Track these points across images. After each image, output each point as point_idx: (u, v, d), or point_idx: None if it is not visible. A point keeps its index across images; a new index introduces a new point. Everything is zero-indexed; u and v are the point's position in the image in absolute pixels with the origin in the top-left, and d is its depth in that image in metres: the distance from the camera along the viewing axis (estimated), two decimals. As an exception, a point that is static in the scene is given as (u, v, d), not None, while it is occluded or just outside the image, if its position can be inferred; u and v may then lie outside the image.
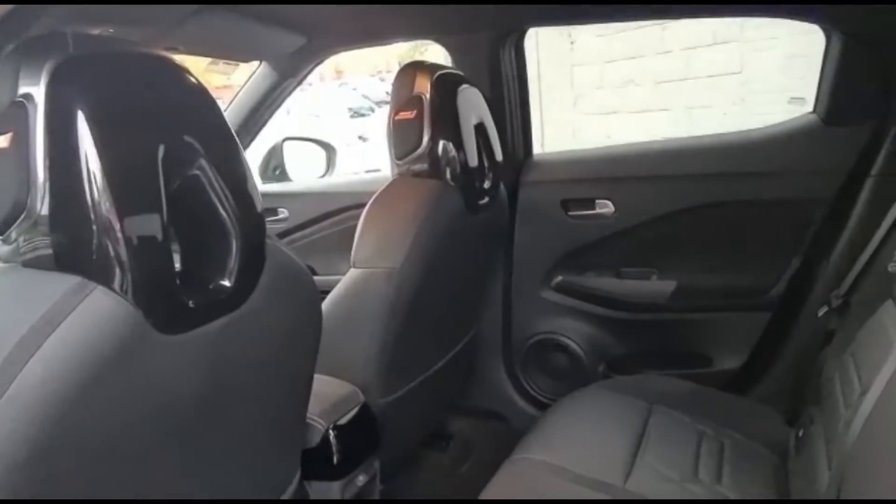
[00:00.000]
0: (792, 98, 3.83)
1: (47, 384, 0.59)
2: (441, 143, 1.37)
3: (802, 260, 1.60)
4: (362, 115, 11.88)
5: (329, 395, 1.26)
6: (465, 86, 1.44)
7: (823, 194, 1.56)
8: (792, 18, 1.53)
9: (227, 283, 0.77)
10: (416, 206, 1.32)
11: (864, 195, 1.50)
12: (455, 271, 1.47)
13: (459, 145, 1.39)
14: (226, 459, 0.91)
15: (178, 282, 0.71)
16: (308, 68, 1.97)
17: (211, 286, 0.76)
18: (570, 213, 1.78)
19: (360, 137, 8.85)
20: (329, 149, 2.42)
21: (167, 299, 0.70)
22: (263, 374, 0.90)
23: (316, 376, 1.23)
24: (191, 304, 0.73)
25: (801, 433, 1.36)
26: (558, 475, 1.22)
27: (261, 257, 0.82)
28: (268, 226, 2.21)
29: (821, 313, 1.43)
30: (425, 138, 1.36)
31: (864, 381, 1.10)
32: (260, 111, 1.99)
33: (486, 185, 1.49)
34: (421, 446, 1.83)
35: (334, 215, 2.10)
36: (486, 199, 1.50)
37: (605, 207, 1.75)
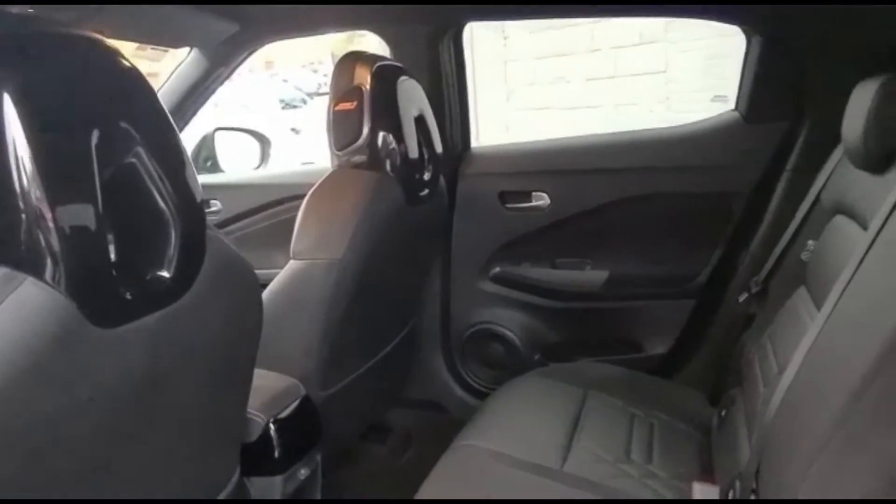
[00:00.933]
0: (716, 96, 4.02)
1: None
2: (381, 134, 1.37)
3: (724, 249, 1.69)
4: (294, 107, 11.63)
5: (269, 389, 1.24)
6: (404, 77, 1.45)
7: (743, 187, 1.65)
8: (716, 20, 1.61)
9: (165, 274, 0.74)
10: (357, 197, 1.31)
11: (780, 188, 1.60)
12: (395, 263, 1.48)
13: (400, 137, 1.40)
14: (163, 456, 0.88)
15: (114, 273, 0.69)
16: (240, 57, 1.92)
17: (149, 277, 0.74)
18: (508, 206, 1.81)
19: (292, 129, 8.66)
20: (263, 140, 2.37)
21: (102, 291, 0.68)
22: (203, 369, 0.88)
23: (255, 370, 1.21)
24: (128, 295, 0.70)
25: (723, 413, 1.44)
26: (498, 461, 1.25)
27: (201, 248, 0.80)
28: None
29: (741, 299, 1.52)
30: (365, 129, 1.36)
31: (781, 361, 1.18)
32: (190, 100, 1.93)
33: (427, 176, 1.50)
34: (361, 439, 1.83)
35: (270, 208, 2.06)
36: (426, 192, 1.51)
37: (541, 200, 1.79)
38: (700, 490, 1.17)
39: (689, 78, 4.93)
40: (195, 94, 1.91)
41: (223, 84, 1.99)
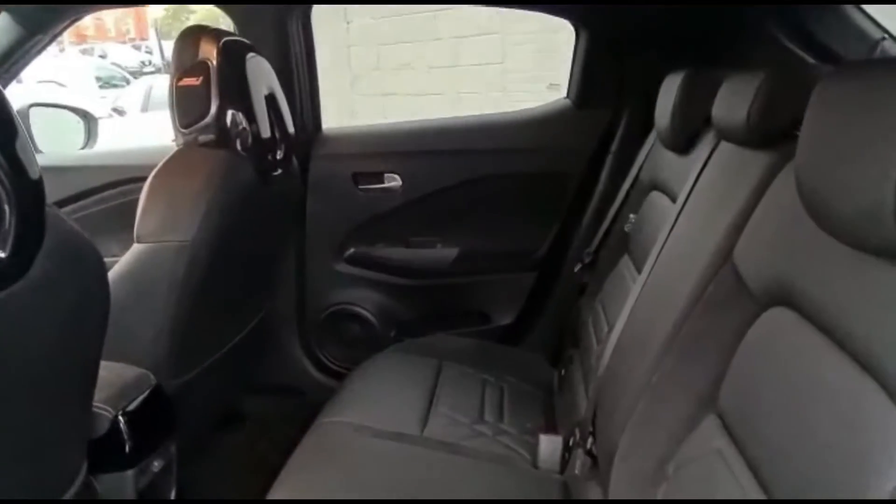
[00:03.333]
0: (550, 84, 4.32)
1: None
2: (230, 112, 1.33)
3: (560, 225, 1.85)
4: (114, 86, 10.61)
5: (116, 381, 1.17)
6: (253, 55, 1.41)
7: (575, 169, 1.82)
8: (548, 13, 1.75)
9: (1, 253, 0.69)
10: (207, 176, 1.27)
11: (606, 169, 1.79)
12: (248, 244, 1.44)
13: (251, 116, 1.36)
14: (2, 451, 0.81)
15: None
16: (61, 25, 1.75)
17: None
18: (361, 187, 1.84)
19: (115, 110, 7.91)
20: (88, 117, 2.17)
21: None
22: (45, 357, 0.82)
23: (101, 362, 1.14)
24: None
25: (563, 372, 1.60)
26: (360, 433, 1.28)
27: (40, 226, 0.75)
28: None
29: (576, 269, 1.68)
30: (213, 107, 1.31)
31: (611, 320, 1.34)
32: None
33: (279, 156, 1.47)
34: (215, 430, 1.77)
35: (100, 192, 1.90)
36: (279, 171, 1.49)
37: (394, 181, 1.84)
38: (546, 440, 1.29)
39: (524, 68, 5.24)
40: (7, 64, 1.71)
41: (40, 54, 1.79)
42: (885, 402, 0.53)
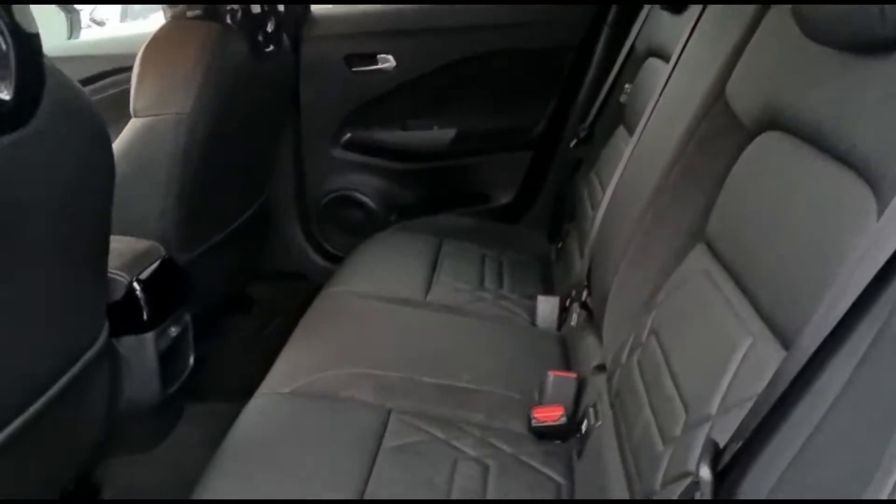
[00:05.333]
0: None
1: None
2: None
3: (556, 102, 1.84)
4: (92, -4, 10.12)
5: (128, 251, 1.21)
6: None
7: (570, 43, 1.79)
8: None
9: (5, 95, 0.70)
10: (200, 48, 1.25)
11: (601, 42, 1.76)
12: (245, 120, 1.44)
13: None
14: (25, 303, 0.85)
15: None
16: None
17: None
18: (354, 69, 1.81)
19: (93, 21, 7.59)
20: (69, 10, 2.11)
21: None
22: (56, 209, 0.84)
23: (112, 236, 1.17)
24: (-32, 115, 0.66)
25: (560, 245, 1.64)
26: (366, 299, 1.34)
27: (40, 74, 0.76)
28: None
29: (572, 145, 1.70)
30: None
31: (604, 185, 1.37)
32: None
33: (270, 30, 1.45)
34: (226, 314, 1.83)
35: (90, 83, 1.87)
36: (271, 48, 1.47)
37: (387, 62, 1.81)
38: (543, 301, 1.35)
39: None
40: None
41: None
42: (865, 194, 0.56)
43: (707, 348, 0.69)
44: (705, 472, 0.50)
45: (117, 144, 1.26)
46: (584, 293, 1.23)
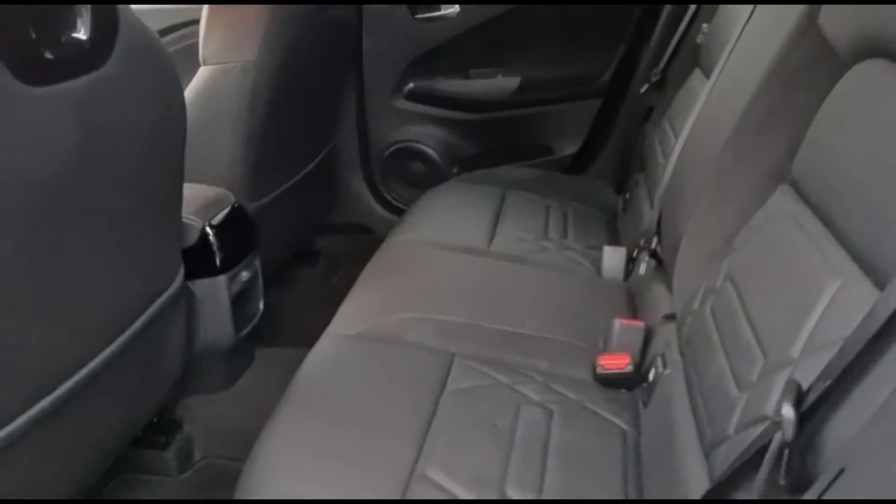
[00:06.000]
0: None
1: None
2: None
3: (627, 46, 1.76)
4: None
5: (200, 197, 1.24)
6: None
7: None
8: None
9: (82, 36, 0.72)
10: None
11: (678, -21, 1.66)
12: (309, 69, 1.45)
13: None
14: (107, 245, 0.89)
15: (32, 33, 0.66)
16: None
17: (65, 40, 0.71)
18: (417, 17, 1.78)
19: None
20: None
21: (24, 49, 0.65)
22: (134, 151, 0.87)
23: (184, 183, 1.20)
24: (49, 55, 0.68)
25: (627, 196, 1.59)
26: (429, 247, 1.34)
27: (113, 17, 0.77)
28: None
29: (642, 90, 1.62)
30: None
31: (677, 131, 1.30)
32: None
33: (333, -24, 1.44)
34: (292, 265, 1.88)
35: (177, 29, 1.91)
36: (334, -5, 1.46)
37: (451, 8, 1.77)
38: (610, 251, 1.32)
39: None
40: None
41: None
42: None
43: (790, 292, 0.65)
44: (788, 412, 0.47)
45: (187, 93, 1.29)
46: (654, 241, 1.19)
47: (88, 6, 0.73)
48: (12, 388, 0.77)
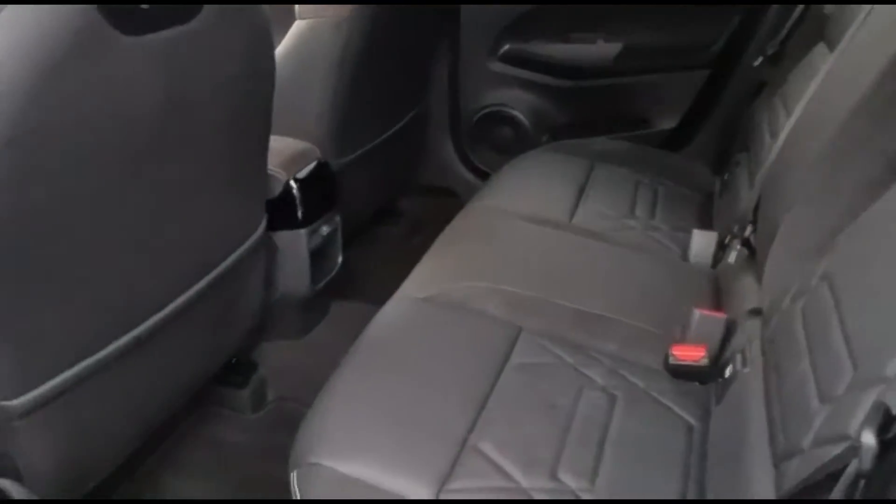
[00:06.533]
0: None
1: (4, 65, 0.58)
2: None
3: (743, 14, 1.63)
4: None
5: (286, 150, 1.27)
6: None
7: None
8: None
9: None
10: None
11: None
12: (403, 29, 1.43)
13: None
14: (195, 191, 0.93)
15: None
16: None
17: None
18: (519, -25, 1.72)
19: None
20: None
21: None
22: (222, 102, 0.90)
23: (272, 136, 1.23)
24: (144, 5, 0.70)
25: (726, 177, 1.49)
26: (509, 216, 1.31)
27: None
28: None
29: (756, 63, 1.50)
30: None
31: (789, 109, 1.19)
32: None
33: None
34: (374, 223, 1.90)
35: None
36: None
37: (555, -33, 1.69)
38: (699, 234, 1.24)
39: None
40: None
41: None
42: None
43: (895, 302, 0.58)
44: (868, 438, 0.42)
45: (281, 47, 1.32)
46: (749, 229, 1.11)
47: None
48: (102, 320, 0.83)
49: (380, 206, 1.88)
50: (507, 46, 1.80)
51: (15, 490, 0.81)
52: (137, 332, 0.88)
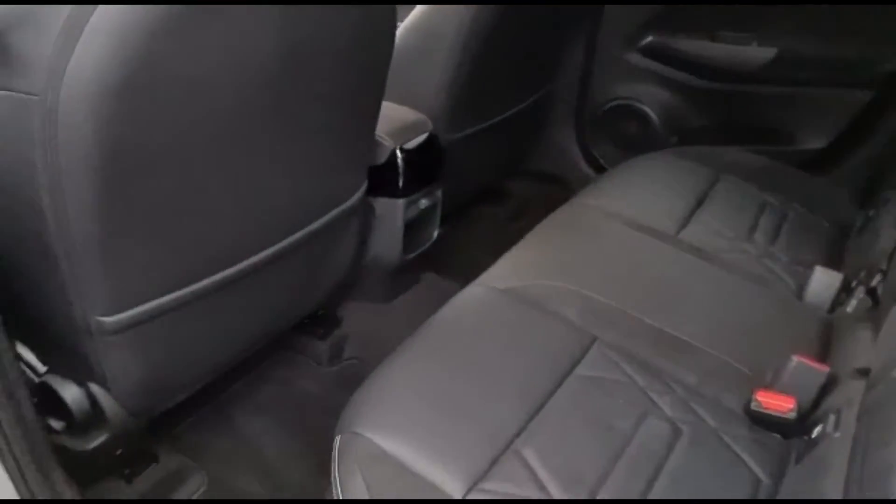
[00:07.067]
0: None
1: (128, 11, 0.62)
2: None
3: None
4: None
5: (399, 119, 1.29)
6: None
7: None
8: None
9: None
10: None
11: None
12: (537, 13, 1.38)
13: None
14: (303, 149, 0.95)
15: None
16: None
17: None
18: (672, -36, 1.60)
19: None
20: None
21: None
22: (337, 67, 0.90)
23: (387, 103, 1.24)
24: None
25: (871, 213, 1.33)
26: (611, 218, 1.25)
27: None
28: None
29: None
30: None
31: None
32: None
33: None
34: (479, 202, 1.89)
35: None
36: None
37: (711, -41, 1.56)
38: (821, 272, 1.12)
39: None
40: None
41: None
42: None
43: None
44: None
45: (412, 17, 1.32)
46: (878, 277, 0.98)
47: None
48: (198, 257, 0.88)
49: (487, 185, 1.87)
50: (649, 38, 1.70)
51: (102, 395, 0.90)
52: (230, 273, 0.93)
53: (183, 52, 0.68)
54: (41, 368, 0.87)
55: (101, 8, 0.62)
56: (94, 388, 0.88)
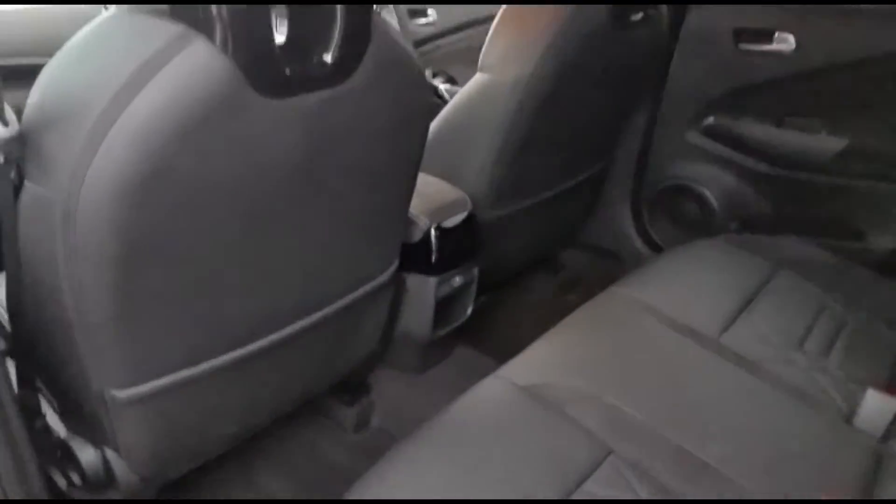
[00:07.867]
0: None
1: (151, 120, 0.65)
2: None
3: None
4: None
5: (437, 198, 1.29)
6: None
7: None
8: None
9: (328, 58, 0.77)
10: (555, 10, 1.21)
11: None
12: (591, 91, 1.37)
13: None
14: (331, 230, 0.96)
15: (278, 49, 0.72)
16: None
17: (314, 59, 0.77)
18: (742, 46, 1.55)
19: None
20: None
21: (266, 62, 0.72)
22: (368, 154, 0.91)
23: (428, 178, 1.25)
24: (288, 72, 0.74)
25: (947, 329, 1.21)
26: (649, 313, 1.19)
27: (366, 34, 0.81)
28: (415, 28, 2.14)
29: None
30: None
31: None
32: None
33: (643, -5, 1.32)
34: (531, 271, 1.86)
35: (483, 23, 2.00)
36: (640, 14, 1.34)
37: (785, 43, 1.50)
38: (875, 396, 1.02)
39: None
40: None
41: None
42: None
43: None
44: None
45: (460, 95, 1.33)
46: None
47: (340, 31, 0.76)
48: (218, 333, 0.90)
49: (539, 256, 1.84)
50: (710, 119, 1.65)
51: (115, 460, 0.93)
52: (250, 349, 0.95)
53: (203, 154, 0.71)
54: (63, 433, 0.91)
55: (126, 112, 0.66)
56: (109, 452, 0.91)
